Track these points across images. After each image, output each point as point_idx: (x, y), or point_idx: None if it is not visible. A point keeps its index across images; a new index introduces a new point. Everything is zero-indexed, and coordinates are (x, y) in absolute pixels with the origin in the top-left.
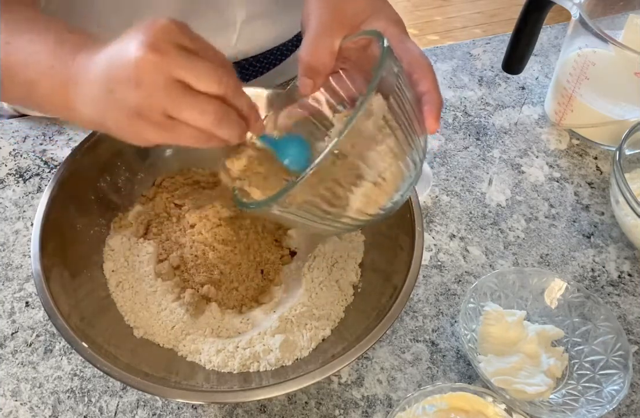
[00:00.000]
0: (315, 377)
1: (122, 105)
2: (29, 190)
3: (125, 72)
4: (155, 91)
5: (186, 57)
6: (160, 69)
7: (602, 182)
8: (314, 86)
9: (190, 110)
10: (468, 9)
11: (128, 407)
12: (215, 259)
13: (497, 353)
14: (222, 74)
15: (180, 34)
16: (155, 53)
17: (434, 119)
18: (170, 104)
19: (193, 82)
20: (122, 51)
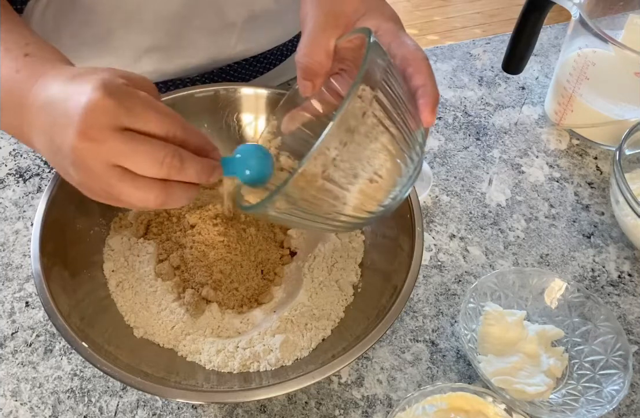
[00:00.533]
0: (315, 377)
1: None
2: (29, 190)
3: (62, 148)
4: (93, 176)
5: (122, 143)
6: (96, 157)
7: (602, 182)
8: (314, 87)
9: (129, 196)
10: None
11: (128, 407)
12: (216, 259)
13: (497, 353)
14: (162, 156)
15: (116, 113)
16: (89, 141)
17: (429, 112)
18: (109, 188)
19: (132, 168)
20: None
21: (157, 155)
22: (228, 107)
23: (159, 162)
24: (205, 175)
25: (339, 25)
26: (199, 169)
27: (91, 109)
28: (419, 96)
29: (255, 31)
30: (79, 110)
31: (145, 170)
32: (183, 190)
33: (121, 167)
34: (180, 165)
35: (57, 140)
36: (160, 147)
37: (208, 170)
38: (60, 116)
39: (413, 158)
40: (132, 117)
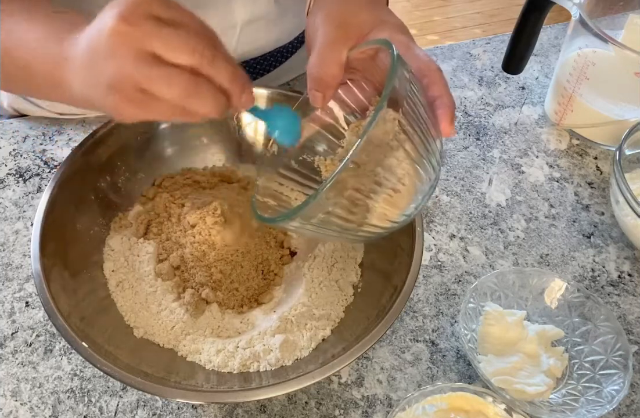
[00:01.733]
0: (315, 377)
1: (99, 78)
2: (29, 190)
3: (101, 44)
4: (125, 63)
5: (157, 27)
6: (131, 40)
7: (602, 182)
8: (324, 99)
9: (157, 83)
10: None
11: (128, 407)
12: (216, 259)
13: (497, 353)
14: (195, 44)
15: (154, 4)
16: (127, 24)
17: (448, 122)
18: (139, 75)
19: (163, 53)
20: (100, 23)
21: (189, 41)
22: None
23: (191, 48)
24: (237, 83)
25: (351, 37)
26: (230, 72)
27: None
28: (437, 107)
29: (256, 33)
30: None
31: (175, 55)
32: (211, 92)
33: (155, 54)
34: (212, 58)
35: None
36: (195, 36)
37: (240, 79)
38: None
39: (435, 166)
40: (168, 9)
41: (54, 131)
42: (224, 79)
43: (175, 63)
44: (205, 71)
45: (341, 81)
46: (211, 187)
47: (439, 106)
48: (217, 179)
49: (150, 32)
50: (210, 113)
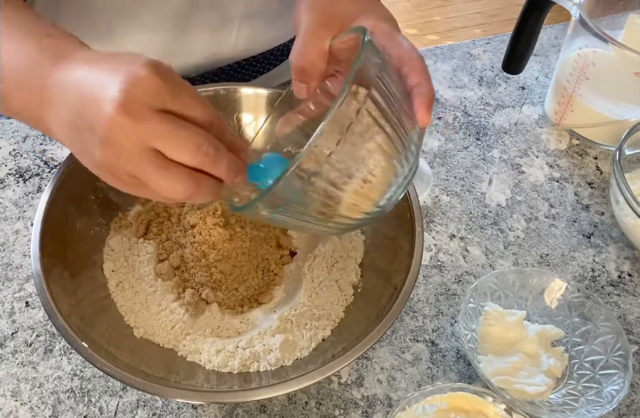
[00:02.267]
0: (315, 377)
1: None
2: (29, 190)
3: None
4: (123, 155)
5: (162, 124)
6: (132, 136)
7: (602, 182)
8: (308, 89)
9: (157, 183)
10: (468, 9)
11: (128, 407)
12: (216, 259)
13: (497, 353)
14: (200, 143)
15: (163, 93)
16: (129, 117)
17: (424, 111)
18: (137, 171)
19: (167, 152)
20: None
21: (195, 140)
22: (228, 107)
23: (197, 148)
24: (234, 172)
25: (333, 26)
26: (230, 164)
27: (137, 83)
28: (414, 95)
29: (256, 30)
30: (122, 84)
31: (180, 155)
32: (211, 185)
33: (155, 151)
34: (215, 156)
35: (89, 114)
36: (200, 133)
37: (237, 168)
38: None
39: (409, 158)
40: (177, 100)
41: None
42: (224, 173)
43: (177, 161)
44: (207, 170)
45: (327, 73)
46: None
47: (417, 95)
48: None
49: (155, 129)
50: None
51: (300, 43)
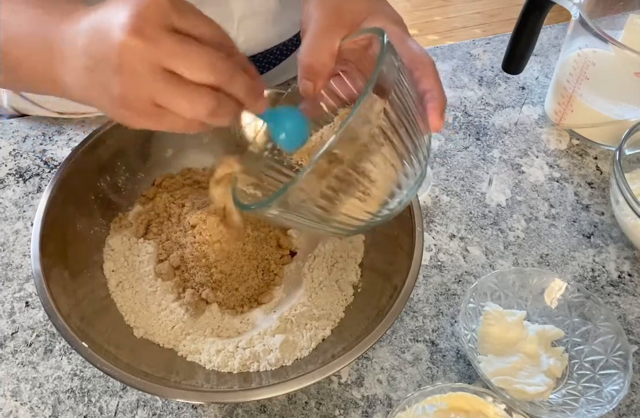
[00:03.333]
0: (315, 377)
1: (104, 89)
2: (29, 190)
3: (108, 56)
4: (140, 80)
5: (175, 43)
6: (146, 57)
7: (602, 182)
8: (315, 88)
9: (178, 103)
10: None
11: (128, 407)
12: (216, 259)
13: (497, 353)
14: (214, 61)
15: (170, 12)
16: (141, 39)
17: (437, 116)
18: (156, 94)
19: (183, 72)
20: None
21: (210, 58)
22: None
23: (212, 66)
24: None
25: (344, 26)
26: (248, 84)
27: (145, 5)
28: (427, 100)
29: (254, 30)
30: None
31: (197, 74)
32: (232, 108)
33: (171, 72)
34: (232, 74)
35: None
36: (212, 52)
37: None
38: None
39: (420, 160)
40: (186, 19)
41: (54, 131)
42: (242, 92)
43: (194, 81)
44: (225, 88)
45: (333, 72)
46: None
47: (429, 100)
48: None
49: (167, 49)
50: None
51: (309, 41)
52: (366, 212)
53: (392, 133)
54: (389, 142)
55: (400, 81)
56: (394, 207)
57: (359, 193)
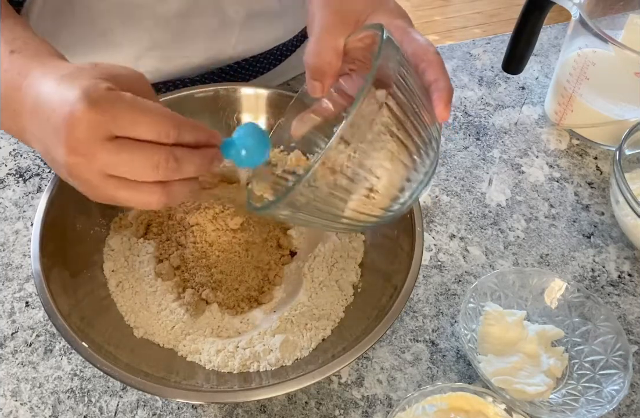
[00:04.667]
0: (315, 377)
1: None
2: (29, 190)
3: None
4: (91, 187)
5: (111, 154)
6: (90, 170)
7: (602, 182)
8: (323, 88)
9: (131, 202)
10: (468, 9)
11: (128, 407)
12: (216, 259)
13: (497, 353)
14: (156, 159)
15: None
16: (81, 158)
17: (444, 106)
18: (109, 198)
19: (128, 177)
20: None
21: (151, 160)
22: (228, 107)
23: (155, 167)
24: (205, 166)
25: (348, 24)
26: (197, 163)
27: (75, 124)
28: (433, 91)
29: (255, 31)
30: (64, 126)
31: (142, 177)
32: (183, 187)
33: (117, 177)
34: (177, 166)
35: (52, 152)
36: (153, 151)
37: (207, 162)
38: (50, 128)
39: (429, 153)
40: (119, 124)
41: None
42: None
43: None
44: (176, 177)
45: (342, 71)
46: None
47: (435, 90)
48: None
49: (106, 161)
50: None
51: (314, 41)
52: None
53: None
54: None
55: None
56: (404, 201)
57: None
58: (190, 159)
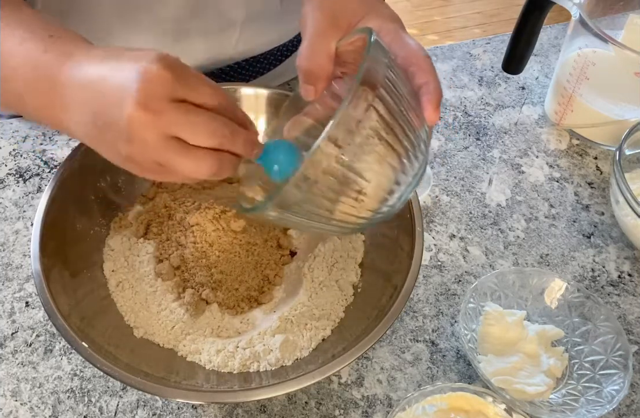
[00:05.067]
0: (315, 377)
1: (112, 146)
2: (29, 190)
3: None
4: (148, 147)
5: (179, 114)
6: (153, 128)
7: (602, 182)
8: (316, 91)
9: (184, 166)
10: (468, 9)
11: (128, 407)
12: (216, 259)
13: (497, 353)
14: (215, 127)
15: (174, 85)
16: (147, 112)
17: (432, 109)
18: (163, 159)
19: (187, 139)
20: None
21: (211, 126)
22: None
23: (213, 132)
24: (250, 147)
25: (340, 28)
26: (246, 140)
27: (149, 80)
28: (422, 94)
29: (256, 31)
30: (136, 82)
31: (200, 141)
32: (232, 160)
33: (177, 139)
34: (232, 137)
35: (109, 113)
36: (213, 118)
37: (252, 143)
38: (113, 89)
39: (418, 156)
40: (188, 89)
41: (54, 131)
42: (241, 149)
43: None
44: (227, 148)
45: (334, 74)
46: (211, 187)
47: (424, 93)
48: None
49: (172, 120)
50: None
51: (306, 45)
52: (366, 209)
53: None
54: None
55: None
56: (393, 203)
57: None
58: (242, 135)
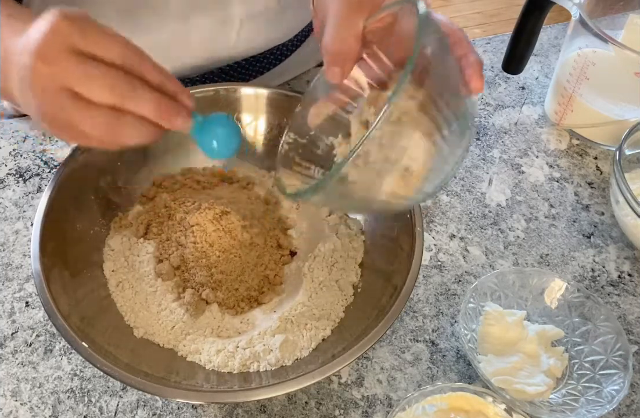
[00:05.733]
0: (315, 377)
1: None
2: (29, 190)
3: (25, 77)
4: (48, 100)
5: (75, 65)
6: (50, 80)
7: (602, 182)
8: (343, 74)
9: (80, 122)
10: (468, 9)
11: (128, 407)
12: (216, 259)
13: (497, 353)
14: (114, 80)
15: (72, 36)
16: (45, 63)
17: (477, 79)
18: (62, 113)
19: (83, 92)
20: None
21: (108, 80)
22: (228, 107)
23: (111, 87)
24: (166, 113)
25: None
26: (155, 102)
27: (47, 31)
28: (464, 67)
29: (256, 31)
30: (37, 34)
31: (95, 95)
32: (136, 123)
33: (75, 92)
34: (133, 94)
35: (22, 72)
36: (113, 73)
37: (168, 109)
38: (23, 44)
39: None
40: (88, 39)
41: None
42: (147, 110)
43: (95, 101)
44: (127, 107)
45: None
46: (211, 187)
47: (466, 66)
48: (217, 179)
49: (67, 70)
50: (140, 142)
51: (333, 26)
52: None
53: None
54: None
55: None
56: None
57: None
58: (150, 95)
